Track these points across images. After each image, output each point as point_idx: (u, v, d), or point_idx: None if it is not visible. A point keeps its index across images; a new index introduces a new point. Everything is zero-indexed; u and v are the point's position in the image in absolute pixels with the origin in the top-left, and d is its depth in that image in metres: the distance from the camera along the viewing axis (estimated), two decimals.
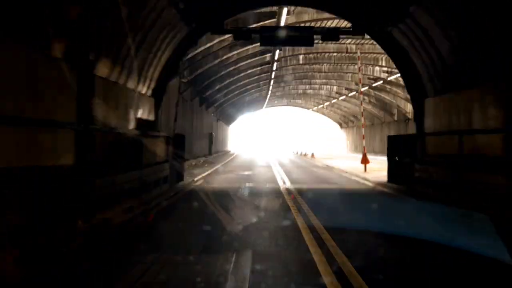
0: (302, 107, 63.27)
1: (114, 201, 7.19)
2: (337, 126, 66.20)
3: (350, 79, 37.24)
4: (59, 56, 6.39)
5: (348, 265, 4.67)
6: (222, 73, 28.75)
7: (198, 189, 13.04)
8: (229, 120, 56.97)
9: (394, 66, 20.46)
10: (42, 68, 5.93)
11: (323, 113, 63.74)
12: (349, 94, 44.02)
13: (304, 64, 29.77)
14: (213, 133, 34.91)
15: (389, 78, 33.02)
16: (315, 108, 60.55)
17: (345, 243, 5.74)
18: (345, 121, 60.10)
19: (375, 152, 47.08)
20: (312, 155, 38.56)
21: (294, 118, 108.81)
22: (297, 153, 49.32)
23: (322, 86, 43.22)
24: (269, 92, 43.97)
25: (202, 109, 30.74)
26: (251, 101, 50.98)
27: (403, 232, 6.26)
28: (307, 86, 43.69)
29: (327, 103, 53.81)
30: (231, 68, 28.38)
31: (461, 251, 5.31)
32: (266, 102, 54.73)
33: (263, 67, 31.08)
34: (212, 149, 36.05)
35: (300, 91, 46.96)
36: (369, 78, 36.62)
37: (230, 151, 54.16)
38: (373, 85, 36.64)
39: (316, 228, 6.78)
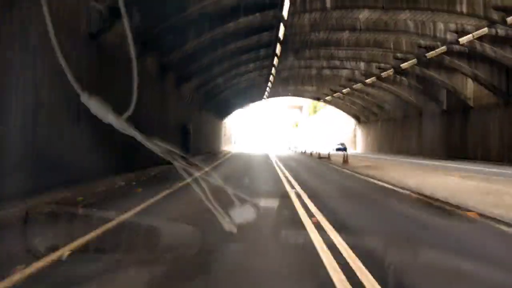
0: (312, 96, 51.60)
1: None
2: (352, 121, 54.65)
3: (391, 49, 25.55)
4: None
5: None
6: (204, 38, 17.39)
7: None
8: (220, 112, 45.41)
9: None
10: None
11: (337, 105, 52.09)
12: (382, 74, 32.34)
13: (335, 9, 18.05)
14: (189, 127, 23.25)
15: (462, 40, 21.34)
16: (328, 98, 48.88)
17: None
18: (365, 115, 48.49)
19: (412, 155, 35.53)
20: (333, 156, 27.08)
21: (301, 112, 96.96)
22: (310, 154, 37.69)
23: (347, 62, 31.60)
24: (272, 72, 32.32)
25: (165, 84, 19.05)
26: (248, 89, 39.33)
27: None
28: (325, 63, 32.05)
29: (346, 90, 42.20)
30: (217, 32, 17.16)
31: None
32: (268, 89, 43.12)
33: (262, 36, 19.69)
34: (192, 148, 24.42)
35: (313, 71, 35.28)
36: (419, 46, 25.00)
37: (222, 152, 42.61)
38: (427, 54, 24.99)
39: None
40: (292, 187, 10.94)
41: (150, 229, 5.41)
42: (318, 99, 51.82)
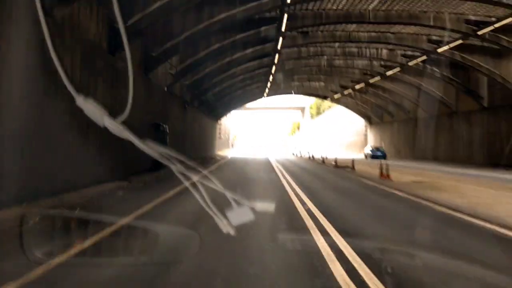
0: (319, 94, 45.77)
1: None
2: (362, 122, 48.86)
3: (428, 25, 19.76)
4: None
5: None
6: None
7: None
8: (215, 112, 39.62)
9: None
10: None
11: (346, 105, 46.30)
12: (409, 63, 26.59)
13: None
14: (165, 127, 17.34)
15: None
16: (336, 95, 43.08)
17: None
18: (379, 115, 42.71)
19: (441, 161, 29.38)
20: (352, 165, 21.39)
21: (303, 113, 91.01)
22: (322, 161, 31.98)
23: (366, 48, 25.89)
24: (276, 59, 26.56)
25: (119, 63, 13.06)
26: (247, 82, 33.58)
27: None
28: (339, 50, 26.32)
29: (359, 86, 36.43)
30: None
31: None
32: (269, 84, 37.33)
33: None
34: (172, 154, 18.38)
35: (324, 61, 29.51)
36: (467, 23, 19.24)
37: (216, 157, 36.95)
38: (479, 32, 19.19)
39: None
40: (332, 242, 5.05)
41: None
42: (325, 97, 45.99)
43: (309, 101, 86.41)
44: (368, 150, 37.35)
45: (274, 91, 42.38)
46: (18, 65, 7.01)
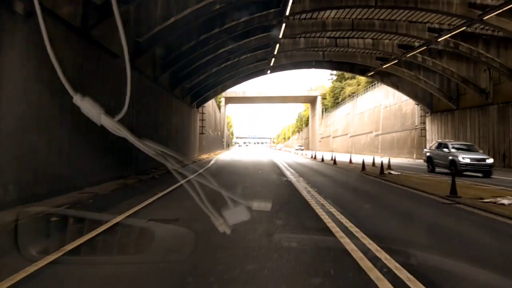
0: (353, 65, 29.93)
1: None
2: (416, 112, 33.37)
3: None
4: None
5: None
6: None
7: None
8: (192, 93, 24.31)
9: None
10: None
11: (397, 82, 30.65)
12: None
13: None
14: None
15: None
16: (386, 66, 27.45)
17: None
18: (453, 94, 27.16)
19: None
20: None
21: (314, 105, 74.99)
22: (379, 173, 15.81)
23: None
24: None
25: None
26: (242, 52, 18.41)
27: None
28: None
29: (419, 51, 21.01)
30: None
31: None
32: (277, 47, 21.96)
33: None
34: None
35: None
36: None
37: (194, 163, 21.65)
38: None
39: None
40: None
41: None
42: (364, 70, 30.25)
43: (323, 89, 70.85)
44: (437, 152, 18.12)
45: (283, 61, 26.84)
46: None
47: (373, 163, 21.40)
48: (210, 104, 40.32)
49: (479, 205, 7.67)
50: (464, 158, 16.01)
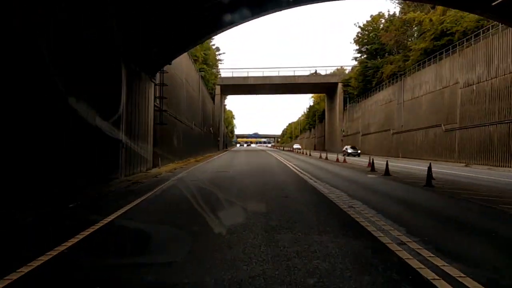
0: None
1: None
2: None
3: None
4: None
5: None
6: None
7: None
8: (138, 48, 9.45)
9: None
10: None
11: None
12: None
13: None
14: None
15: None
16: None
17: None
18: None
19: None
20: None
21: (336, 94, 59.43)
22: None
23: None
24: None
25: None
26: None
27: None
28: None
29: None
30: None
31: None
32: None
33: None
34: None
35: None
36: None
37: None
38: None
39: None
40: None
41: None
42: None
43: (336, 78, 55.89)
44: None
45: None
46: None
47: None
48: (183, 69, 25.43)
49: None
50: None
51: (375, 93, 43.47)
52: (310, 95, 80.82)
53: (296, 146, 72.69)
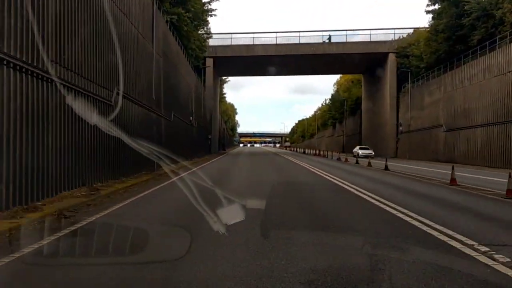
0: None
1: None
2: None
3: None
4: None
5: None
6: None
7: None
8: None
9: None
10: None
11: None
12: None
13: None
14: None
15: None
16: None
17: None
18: None
19: None
20: None
21: (386, 75, 39.25)
22: None
23: None
24: None
25: None
26: None
27: None
28: None
29: None
30: None
31: None
32: None
33: None
34: None
35: None
36: None
37: None
38: None
39: None
40: None
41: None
42: None
43: (384, 48, 36.95)
44: None
45: None
46: None
47: None
48: None
49: None
50: None
51: (480, 57, 24.96)
52: (334, 80, 62.05)
53: (361, 151, 34.68)
